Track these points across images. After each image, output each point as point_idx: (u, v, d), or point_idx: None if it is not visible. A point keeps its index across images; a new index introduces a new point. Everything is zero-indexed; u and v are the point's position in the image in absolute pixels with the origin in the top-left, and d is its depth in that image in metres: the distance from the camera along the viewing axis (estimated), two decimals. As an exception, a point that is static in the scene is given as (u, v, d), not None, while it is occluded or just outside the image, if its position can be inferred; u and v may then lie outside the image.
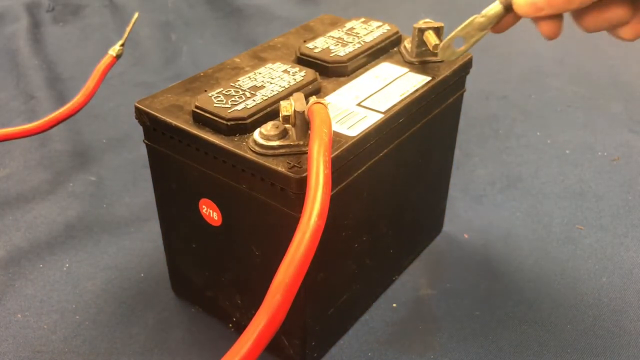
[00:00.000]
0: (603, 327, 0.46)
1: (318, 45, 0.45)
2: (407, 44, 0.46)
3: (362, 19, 0.49)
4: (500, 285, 0.50)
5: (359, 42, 0.45)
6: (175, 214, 0.44)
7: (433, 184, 0.51)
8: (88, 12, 1.00)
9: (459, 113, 0.50)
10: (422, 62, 0.45)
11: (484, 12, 0.38)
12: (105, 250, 0.53)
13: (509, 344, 0.45)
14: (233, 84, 0.40)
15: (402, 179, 0.45)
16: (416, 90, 0.42)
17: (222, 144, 0.36)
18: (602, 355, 0.44)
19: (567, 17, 0.36)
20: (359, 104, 0.40)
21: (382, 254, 0.47)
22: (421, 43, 0.44)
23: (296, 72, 0.41)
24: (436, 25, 0.44)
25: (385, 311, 0.48)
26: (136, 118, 0.40)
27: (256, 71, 0.42)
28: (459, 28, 0.39)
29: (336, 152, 0.35)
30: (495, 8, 0.37)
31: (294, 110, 0.34)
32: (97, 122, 0.71)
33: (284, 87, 0.40)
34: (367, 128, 0.38)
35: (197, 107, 0.37)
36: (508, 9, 0.37)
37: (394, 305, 0.48)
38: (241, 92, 0.39)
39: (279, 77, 0.41)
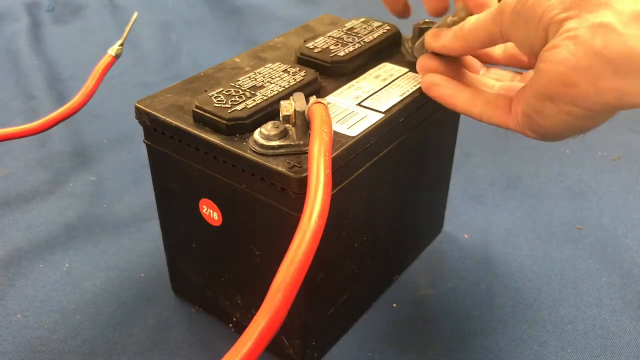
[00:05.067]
0: (603, 327, 0.46)
1: (318, 45, 0.45)
2: (407, 43, 0.46)
3: (362, 19, 0.49)
4: (500, 285, 0.50)
5: (359, 42, 0.45)
6: (175, 214, 0.44)
7: (433, 184, 0.51)
8: (88, 12, 1.00)
9: (459, 113, 0.50)
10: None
11: (455, 13, 0.40)
12: (105, 250, 0.53)
13: (509, 344, 0.45)
14: (233, 84, 0.40)
15: (402, 179, 0.45)
16: (416, 90, 0.42)
17: (222, 143, 0.36)
18: (602, 355, 0.44)
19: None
20: (359, 104, 0.40)
21: (382, 254, 0.47)
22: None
23: (296, 72, 0.41)
24: None
25: (385, 311, 0.48)
26: (136, 118, 0.40)
27: (256, 71, 0.42)
28: (433, 27, 0.41)
29: (336, 152, 0.35)
30: (464, 9, 0.39)
31: (294, 110, 0.34)
32: (97, 122, 0.71)
33: (284, 87, 0.40)
34: (367, 128, 0.38)
35: (197, 107, 0.37)
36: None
37: (394, 305, 0.48)
38: (241, 92, 0.39)
39: (279, 77, 0.41)
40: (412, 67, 0.44)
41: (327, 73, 0.43)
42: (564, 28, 0.30)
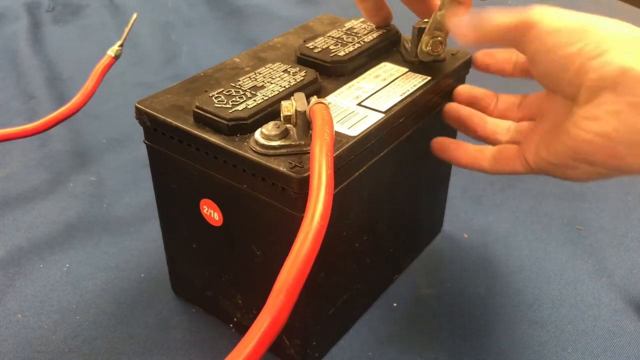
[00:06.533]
0: (603, 327, 0.46)
1: (318, 45, 0.45)
2: (406, 43, 0.46)
3: (362, 19, 0.49)
4: (500, 285, 0.50)
5: (358, 42, 0.45)
6: (175, 214, 0.44)
7: (433, 184, 0.51)
8: (88, 12, 1.00)
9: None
10: (422, 62, 0.45)
11: (440, 5, 0.41)
12: (105, 250, 0.53)
13: (509, 344, 0.45)
14: (233, 84, 0.40)
15: (403, 179, 0.45)
16: (416, 90, 0.42)
17: (223, 144, 0.36)
18: (602, 355, 0.44)
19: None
20: (359, 104, 0.40)
21: (382, 253, 0.47)
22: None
23: (296, 72, 0.41)
24: None
25: (386, 311, 0.48)
26: (136, 118, 0.40)
27: (256, 71, 0.42)
28: (426, 28, 0.43)
29: (337, 152, 0.35)
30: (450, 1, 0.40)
31: (296, 110, 0.34)
32: (97, 122, 0.71)
33: (284, 87, 0.40)
34: (368, 128, 0.38)
35: (197, 107, 0.37)
36: None
37: (394, 304, 0.48)
38: (242, 92, 0.39)
39: (279, 77, 0.41)
40: (411, 66, 0.45)
41: (327, 73, 0.43)
42: (601, 99, 0.30)
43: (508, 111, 0.42)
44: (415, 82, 0.43)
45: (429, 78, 0.43)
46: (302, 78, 0.41)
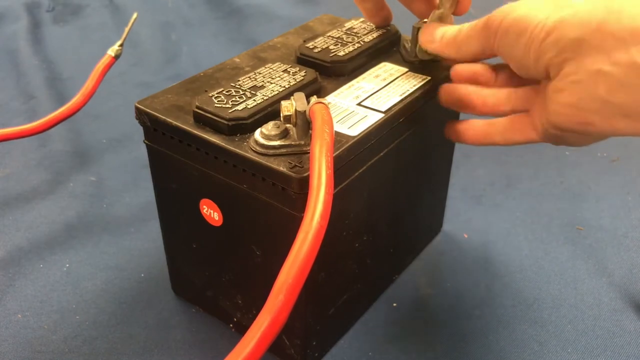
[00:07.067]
0: (603, 327, 0.46)
1: (318, 45, 0.45)
2: (406, 43, 0.46)
3: (362, 19, 0.49)
4: (500, 285, 0.50)
5: (358, 42, 0.45)
6: (175, 214, 0.44)
7: (433, 184, 0.51)
8: (88, 12, 1.00)
9: (459, 112, 0.50)
10: (421, 62, 0.45)
11: (438, 4, 0.41)
12: (105, 250, 0.53)
13: (509, 344, 0.45)
14: (233, 84, 0.40)
15: (402, 179, 0.45)
16: (416, 90, 0.42)
17: (223, 144, 0.36)
18: (602, 355, 0.44)
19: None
20: (359, 104, 0.40)
21: (382, 253, 0.47)
22: None
23: (296, 72, 0.41)
24: None
25: (386, 311, 0.48)
26: (136, 118, 0.40)
27: (256, 71, 0.42)
28: (424, 25, 0.42)
29: (337, 152, 0.35)
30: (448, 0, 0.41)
31: (295, 110, 0.34)
32: (97, 122, 0.71)
33: (284, 87, 0.40)
34: (368, 128, 0.38)
35: (197, 107, 0.37)
36: None
37: (394, 304, 0.48)
38: (242, 92, 0.39)
39: (279, 77, 0.41)
40: (411, 66, 0.45)
41: (327, 73, 0.43)
42: (564, 71, 0.31)
43: (511, 81, 0.42)
44: (415, 82, 0.43)
45: (428, 78, 0.43)
46: (302, 78, 0.41)
